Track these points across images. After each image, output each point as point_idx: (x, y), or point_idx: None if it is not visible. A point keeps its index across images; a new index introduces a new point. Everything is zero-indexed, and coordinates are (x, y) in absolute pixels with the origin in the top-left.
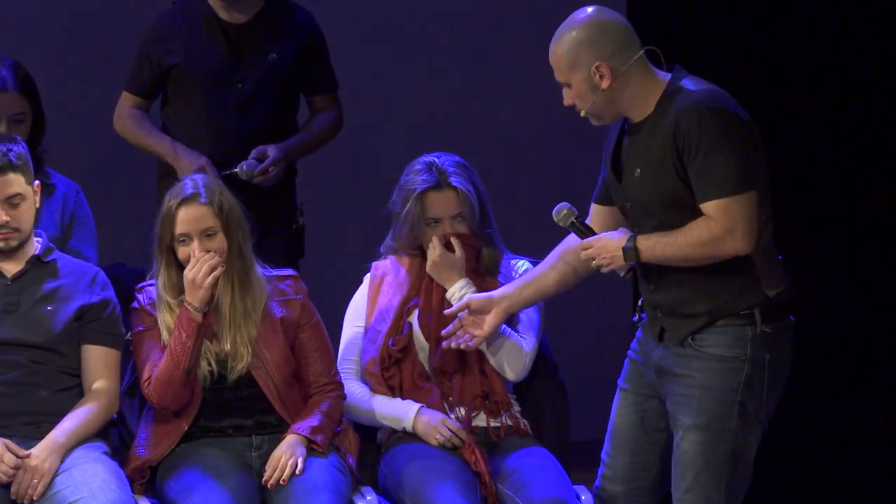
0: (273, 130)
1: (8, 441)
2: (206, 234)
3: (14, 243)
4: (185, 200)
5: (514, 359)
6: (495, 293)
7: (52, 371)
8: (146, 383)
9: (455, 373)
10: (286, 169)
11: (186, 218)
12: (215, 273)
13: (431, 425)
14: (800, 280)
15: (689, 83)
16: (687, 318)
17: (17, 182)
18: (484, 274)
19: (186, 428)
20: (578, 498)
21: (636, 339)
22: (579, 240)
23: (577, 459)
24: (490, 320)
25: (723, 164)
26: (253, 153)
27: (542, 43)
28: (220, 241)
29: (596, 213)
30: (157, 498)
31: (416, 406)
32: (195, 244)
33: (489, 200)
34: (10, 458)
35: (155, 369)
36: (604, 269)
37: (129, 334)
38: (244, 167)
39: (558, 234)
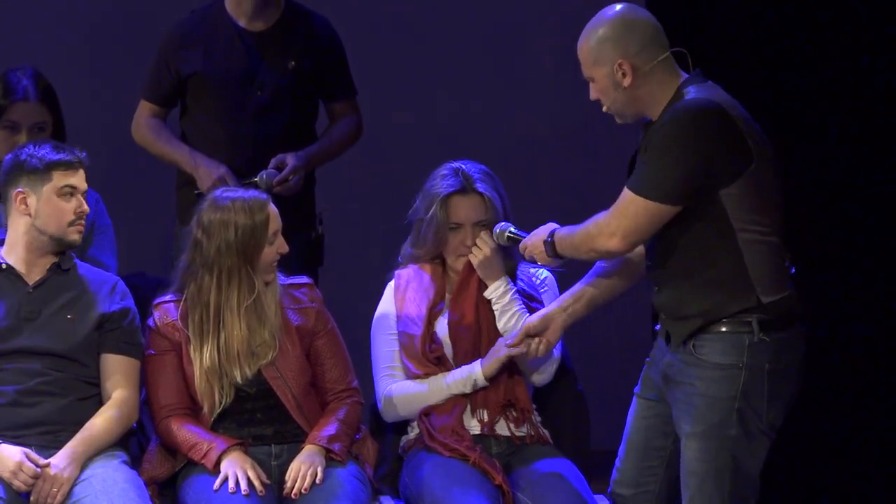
0: (292, 138)
1: (27, 450)
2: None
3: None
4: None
5: (543, 362)
6: (547, 311)
7: (71, 380)
8: (160, 423)
9: None
10: (305, 177)
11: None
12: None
13: (495, 352)
14: (807, 286)
15: (692, 89)
16: (683, 319)
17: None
18: None
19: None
20: None
21: (654, 346)
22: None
23: (597, 468)
24: (556, 334)
25: (657, 164)
26: (272, 162)
27: (562, 49)
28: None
29: None
30: None
31: (477, 361)
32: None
33: (510, 210)
34: (29, 468)
35: (171, 426)
36: (541, 263)
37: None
38: (264, 176)
39: None
